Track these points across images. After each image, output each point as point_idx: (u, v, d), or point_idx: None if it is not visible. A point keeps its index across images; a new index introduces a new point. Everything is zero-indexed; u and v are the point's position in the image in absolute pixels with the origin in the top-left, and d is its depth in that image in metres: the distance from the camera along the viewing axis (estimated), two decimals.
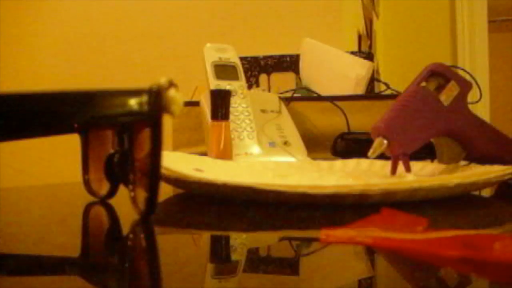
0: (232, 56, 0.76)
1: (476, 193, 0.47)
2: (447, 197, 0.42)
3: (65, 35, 1.83)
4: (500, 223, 0.37)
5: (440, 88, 0.51)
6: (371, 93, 1.06)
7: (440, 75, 0.51)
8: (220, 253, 0.30)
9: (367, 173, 0.55)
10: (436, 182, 0.40)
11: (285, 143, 0.75)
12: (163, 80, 0.32)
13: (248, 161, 0.65)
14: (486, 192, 0.49)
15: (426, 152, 0.57)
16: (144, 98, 0.32)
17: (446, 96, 0.50)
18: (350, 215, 0.36)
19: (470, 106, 0.52)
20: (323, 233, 0.28)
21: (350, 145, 0.74)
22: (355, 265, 0.26)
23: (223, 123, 0.65)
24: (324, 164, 0.61)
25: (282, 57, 1.19)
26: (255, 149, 0.72)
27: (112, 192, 0.40)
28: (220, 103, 0.65)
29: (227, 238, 0.33)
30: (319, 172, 0.56)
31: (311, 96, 0.93)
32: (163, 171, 0.38)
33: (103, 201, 0.41)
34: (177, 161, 0.48)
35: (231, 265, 0.26)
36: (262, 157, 0.70)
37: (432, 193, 0.40)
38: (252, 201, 0.40)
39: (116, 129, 0.37)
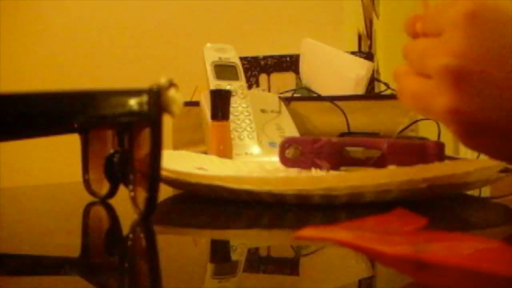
0: (232, 56, 0.76)
1: (476, 193, 0.47)
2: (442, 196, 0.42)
3: (65, 35, 1.83)
4: (497, 224, 0.37)
5: None
6: (371, 93, 1.06)
7: None
8: (220, 253, 0.30)
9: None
10: (405, 179, 0.38)
11: None
12: (163, 80, 0.32)
13: (249, 161, 0.65)
14: (485, 193, 0.49)
15: None
16: (144, 98, 0.32)
17: None
18: (350, 215, 0.36)
19: None
20: (299, 232, 0.28)
21: None
22: (355, 265, 0.26)
23: (223, 123, 0.65)
24: None
25: (282, 57, 1.18)
26: (255, 149, 0.72)
27: (112, 192, 0.40)
28: (220, 103, 0.65)
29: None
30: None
31: (311, 96, 0.92)
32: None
33: (103, 201, 0.41)
34: (179, 160, 0.48)
35: (231, 265, 0.26)
36: (262, 157, 0.70)
37: (402, 194, 0.38)
38: (227, 200, 0.41)
39: (116, 129, 0.37)
